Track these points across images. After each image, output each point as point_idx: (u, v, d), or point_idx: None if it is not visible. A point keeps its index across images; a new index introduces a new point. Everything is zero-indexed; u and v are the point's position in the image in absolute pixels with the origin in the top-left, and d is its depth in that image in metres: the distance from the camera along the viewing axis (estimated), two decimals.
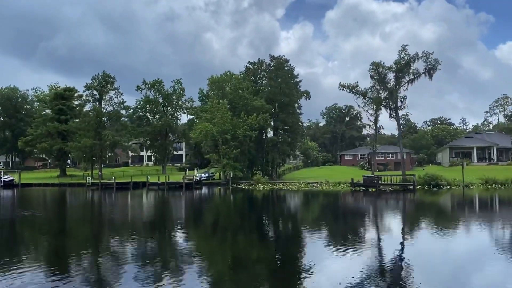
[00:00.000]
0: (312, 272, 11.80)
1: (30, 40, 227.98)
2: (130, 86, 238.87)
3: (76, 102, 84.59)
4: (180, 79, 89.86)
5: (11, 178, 64.90)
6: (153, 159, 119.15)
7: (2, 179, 62.18)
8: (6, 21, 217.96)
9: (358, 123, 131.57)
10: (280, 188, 53.99)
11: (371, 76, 54.82)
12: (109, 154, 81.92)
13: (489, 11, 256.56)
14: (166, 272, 11.94)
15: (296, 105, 68.61)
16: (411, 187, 47.68)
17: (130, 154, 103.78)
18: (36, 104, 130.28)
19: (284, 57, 73.13)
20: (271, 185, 56.43)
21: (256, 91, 69.53)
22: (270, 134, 70.64)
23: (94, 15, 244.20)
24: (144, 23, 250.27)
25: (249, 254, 14.86)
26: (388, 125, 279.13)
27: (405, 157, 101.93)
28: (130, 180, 60.60)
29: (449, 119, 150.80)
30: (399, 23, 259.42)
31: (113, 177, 63.70)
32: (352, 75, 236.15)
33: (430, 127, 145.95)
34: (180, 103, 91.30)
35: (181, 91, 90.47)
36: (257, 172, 63.24)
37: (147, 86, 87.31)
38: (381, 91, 54.84)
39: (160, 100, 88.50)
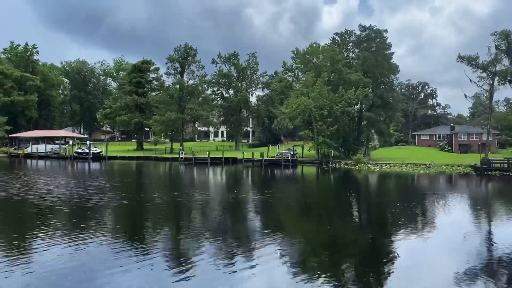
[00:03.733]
0: None
1: (77, 16, 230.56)
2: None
3: (152, 75, 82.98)
4: (255, 52, 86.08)
5: (99, 150, 64.43)
6: (220, 134, 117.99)
7: (91, 151, 61.63)
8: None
9: (433, 102, 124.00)
10: (384, 169, 49.91)
11: (497, 47, 48.76)
12: (191, 128, 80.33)
13: None
14: None
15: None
16: None
17: (204, 128, 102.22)
18: (102, 77, 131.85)
19: (375, 26, 67.74)
20: (372, 166, 52.39)
21: (346, 64, 64.78)
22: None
23: None
24: None
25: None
26: (455, 105, 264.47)
27: (490, 138, 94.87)
28: (208, 156, 57.95)
29: None
30: None
31: (193, 152, 61.84)
32: (398, 52, 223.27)
33: None
34: (255, 77, 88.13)
35: (255, 65, 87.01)
36: (357, 151, 59.21)
37: (222, 59, 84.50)
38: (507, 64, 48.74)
39: (235, 74, 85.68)
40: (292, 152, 60.10)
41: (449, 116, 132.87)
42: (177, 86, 71.36)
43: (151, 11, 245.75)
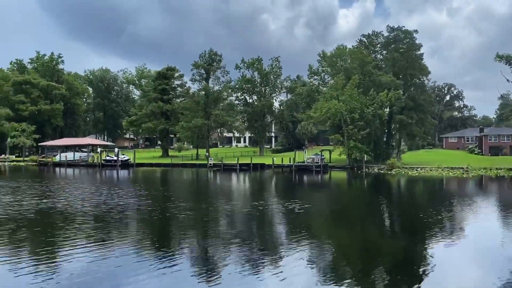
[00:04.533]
0: None
1: (95, 26, 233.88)
2: (185, 69, 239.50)
3: (177, 82, 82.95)
4: (278, 57, 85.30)
5: (127, 157, 64.38)
6: (242, 140, 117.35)
7: (119, 158, 61.58)
8: (73, 8, 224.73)
9: (459, 103, 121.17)
10: (421, 174, 48.23)
11: None
12: (216, 134, 79.92)
13: None
14: None
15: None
16: None
17: (229, 134, 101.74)
18: (125, 85, 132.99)
19: (404, 27, 66.25)
20: (408, 170, 50.71)
21: (375, 65, 63.35)
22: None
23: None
24: (199, 4, 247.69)
25: None
26: (479, 107, 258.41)
27: None
28: (237, 162, 57.19)
29: None
30: None
31: (212, 158, 61.09)
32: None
33: None
34: (278, 82, 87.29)
35: (279, 70, 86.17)
36: (389, 156, 57.64)
37: (245, 65, 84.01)
38: None
39: (258, 80, 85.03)
40: (320, 157, 58.87)
41: (475, 118, 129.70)
42: (203, 92, 71.00)
43: (167, 20, 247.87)
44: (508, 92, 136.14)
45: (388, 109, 60.41)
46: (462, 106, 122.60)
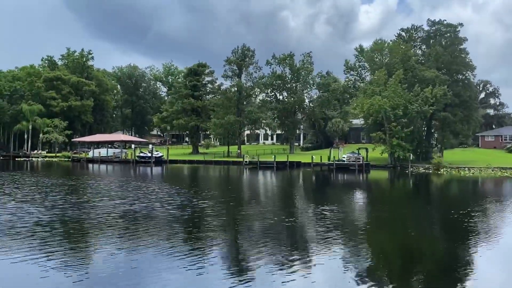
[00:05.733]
0: None
1: (118, 24, 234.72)
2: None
3: (207, 79, 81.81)
4: (310, 52, 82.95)
5: (160, 154, 63.62)
6: (270, 137, 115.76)
7: (154, 155, 60.78)
8: (95, 6, 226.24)
9: (495, 101, 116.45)
10: (473, 174, 45.75)
11: None
12: (250, 131, 78.56)
13: None
14: None
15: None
16: None
17: (262, 132, 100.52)
18: (152, 82, 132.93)
19: (445, 21, 63.42)
20: (456, 171, 48.23)
21: (417, 60, 60.78)
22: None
23: None
24: (219, 3, 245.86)
25: None
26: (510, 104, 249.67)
27: None
28: (274, 160, 55.15)
29: None
30: None
31: (248, 156, 59.52)
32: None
33: None
34: (309, 78, 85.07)
35: (310, 65, 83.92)
36: (432, 154, 55.19)
37: (276, 61, 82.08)
38: None
39: (289, 76, 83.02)
40: (357, 155, 56.77)
41: (507, 117, 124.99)
42: (235, 88, 69.63)
43: (188, 19, 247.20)
44: None
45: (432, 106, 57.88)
46: (498, 103, 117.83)
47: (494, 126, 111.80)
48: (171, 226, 15.36)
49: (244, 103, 70.29)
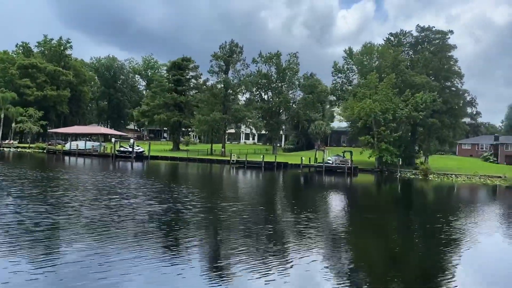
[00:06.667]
0: None
1: (91, 15, 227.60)
2: None
3: (191, 73, 79.74)
4: (296, 52, 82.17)
5: (142, 149, 61.25)
6: (251, 137, 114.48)
7: (135, 150, 58.43)
8: None
9: (472, 110, 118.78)
10: (463, 181, 45.85)
11: None
12: (235, 130, 76.92)
13: None
14: None
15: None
16: None
17: (244, 131, 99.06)
18: (131, 75, 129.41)
19: (434, 27, 63.84)
20: (444, 177, 48.29)
21: (407, 66, 60.82)
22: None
23: None
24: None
25: None
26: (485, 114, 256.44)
27: None
28: (262, 160, 53.90)
29: None
30: (469, 5, 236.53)
31: (235, 155, 57.75)
32: None
33: None
34: (295, 79, 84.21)
35: (296, 66, 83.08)
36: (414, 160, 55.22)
37: (262, 59, 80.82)
38: None
39: (275, 75, 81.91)
40: (342, 158, 56.28)
41: (486, 125, 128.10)
42: (222, 85, 67.94)
43: (167, 14, 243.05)
44: None
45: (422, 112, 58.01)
46: (475, 113, 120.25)
47: (469, 135, 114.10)
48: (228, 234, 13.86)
49: (231, 100, 68.58)
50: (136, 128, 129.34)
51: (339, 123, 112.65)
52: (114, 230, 12.89)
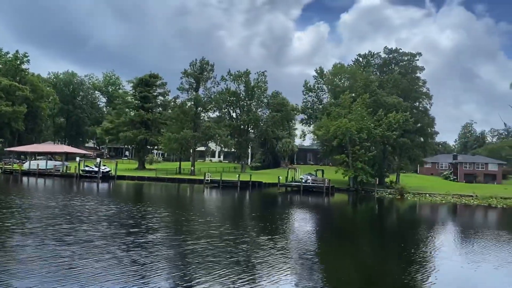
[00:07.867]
0: None
1: (44, 29, 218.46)
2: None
3: (159, 90, 77.48)
4: (265, 71, 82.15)
5: (108, 169, 58.03)
6: (217, 155, 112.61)
7: (101, 169, 55.23)
8: (20, 10, 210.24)
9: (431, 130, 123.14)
10: (440, 200, 46.47)
11: None
12: (205, 148, 74.93)
13: (510, 21, 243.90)
14: None
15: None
16: None
17: (219, 149, 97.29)
18: (90, 91, 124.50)
19: (401, 49, 65.80)
20: (421, 197, 48.81)
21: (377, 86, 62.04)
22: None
23: (105, 5, 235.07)
24: (155, 16, 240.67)
25: None
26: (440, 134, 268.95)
27: (496, 169, 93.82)
28: (238, 179, 52.38)
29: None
30: (417, 29, 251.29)
31: (207, 173, 55.92)
32: None
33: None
34: (263, 97, 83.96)
35: (264, 84, 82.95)
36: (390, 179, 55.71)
37: (231, 77, 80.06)
38: None
39: (243, 93, 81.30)
40: (314, 177, 55.96)
41: (441, 145, 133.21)
42: (192, 102, 66.27)
43: (122, 30, 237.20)
44: (471, 121, 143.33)
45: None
46: (433, 132, 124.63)
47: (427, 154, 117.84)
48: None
49: (201, 118, 66.98)
50: (95, 146, 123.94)
51: (302, 141, 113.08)
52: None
